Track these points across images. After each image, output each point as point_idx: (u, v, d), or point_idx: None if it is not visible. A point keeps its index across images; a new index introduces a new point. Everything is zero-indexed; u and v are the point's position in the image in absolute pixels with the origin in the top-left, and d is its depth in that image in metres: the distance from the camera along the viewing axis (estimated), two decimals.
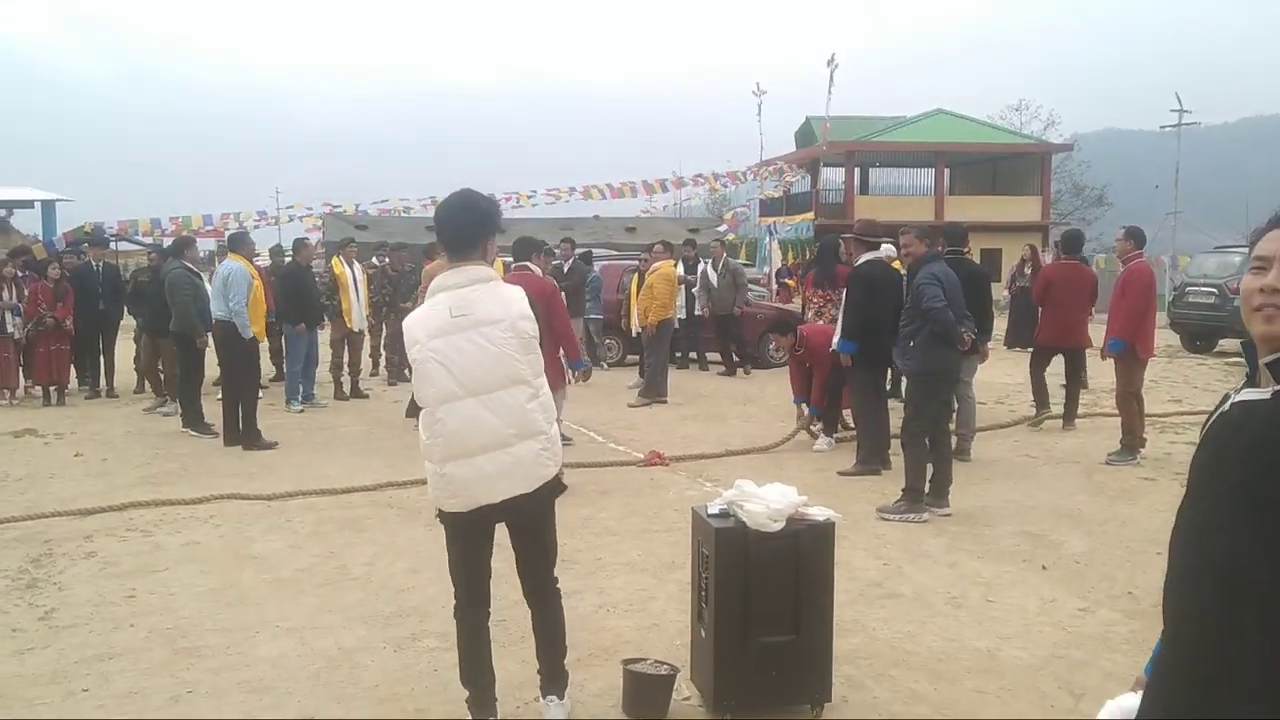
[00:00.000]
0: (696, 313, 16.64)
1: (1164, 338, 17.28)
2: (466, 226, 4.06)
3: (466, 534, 4.09)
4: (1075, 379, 11.35)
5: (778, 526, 4.25)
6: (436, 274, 4.27)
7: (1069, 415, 11.23)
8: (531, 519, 4.16)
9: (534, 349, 4.02)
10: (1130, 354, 9.50)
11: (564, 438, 9.64)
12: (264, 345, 12.27)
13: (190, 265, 11.59)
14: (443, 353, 3.89)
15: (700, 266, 16.59)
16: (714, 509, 4.42)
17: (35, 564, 6.60)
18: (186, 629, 5.46)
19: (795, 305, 17.47)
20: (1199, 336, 20.16)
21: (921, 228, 8.15)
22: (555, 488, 4.16)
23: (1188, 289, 20.37)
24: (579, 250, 17.71)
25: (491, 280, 4.04)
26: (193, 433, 11.12)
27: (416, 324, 3.99)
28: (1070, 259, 11.40)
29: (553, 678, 4.30)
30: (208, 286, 11.54)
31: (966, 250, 9.98)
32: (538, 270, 8.80)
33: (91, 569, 6.51)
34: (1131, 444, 9.51)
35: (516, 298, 4.06)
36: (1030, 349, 12.47)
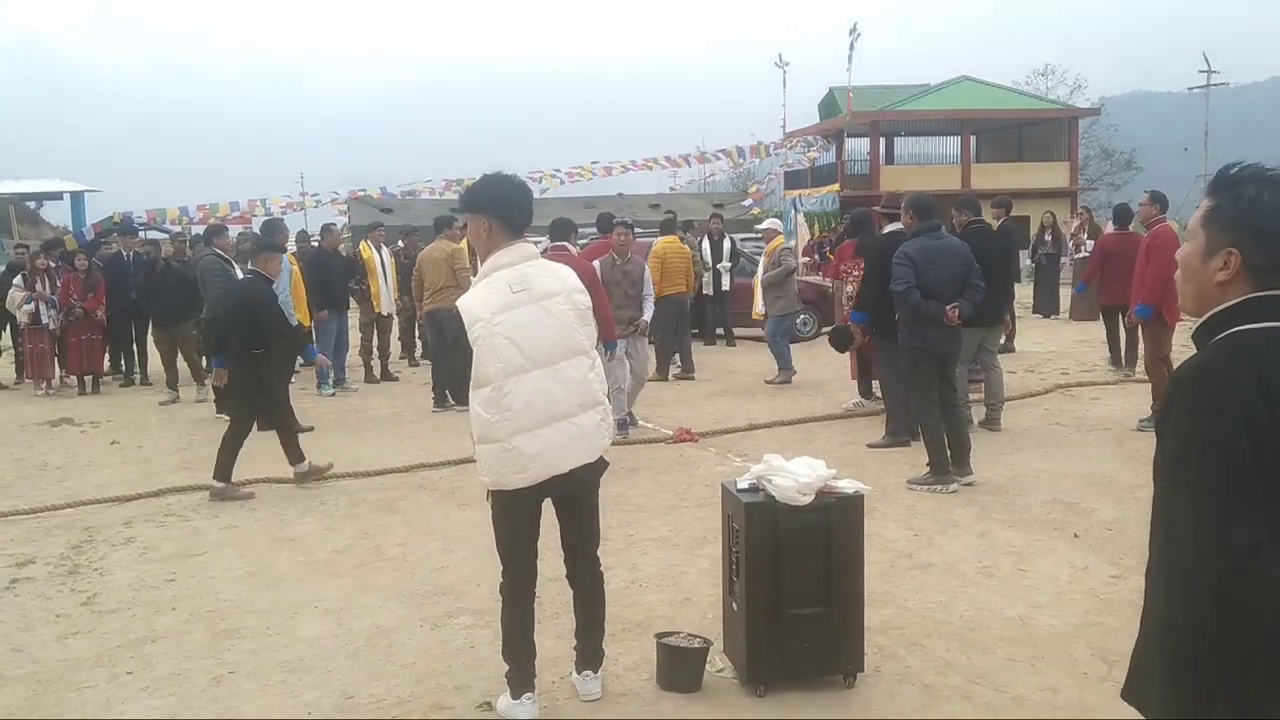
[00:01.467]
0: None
1: None
2: (528, 206, 4.23)
3: (528, 510, 4.14)
4: (1133, 332, 11.78)
5: (807, 500, 4.27)
6: (431, 258, 4.36)
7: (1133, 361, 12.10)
8: (589, 491, 4.25)
9: (590, 320, 4.15)
10: (1158, 319, 9.44)
11: (630, 420, 9.75)
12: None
13: (221, 253, 11.68)
14: (508, 327, 3.95)
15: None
16: (743, 483, 4.45)
17: (76, 550, 6.72)
18: (226, 611, 5.56)
19: (822, 279, 17.44)
20: None
21: (912, 198, 8.17)
22: (606, 460, 4.25)
23: None
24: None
25: (539, 257, 4.17)
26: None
27: (477, 303, 4.02)
28: (1122, 229, 12.64)
29: (591, 655, 4.35)
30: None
31: (982, 218, 9.92)
32: (574, 250, 8.88)
33: (132, 554, 6.62)
34: None
35: (568, 272, 4.21)
36: (1056, 315, 13.21)
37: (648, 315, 10.29)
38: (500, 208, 4.14)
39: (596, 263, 9.65)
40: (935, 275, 7.60)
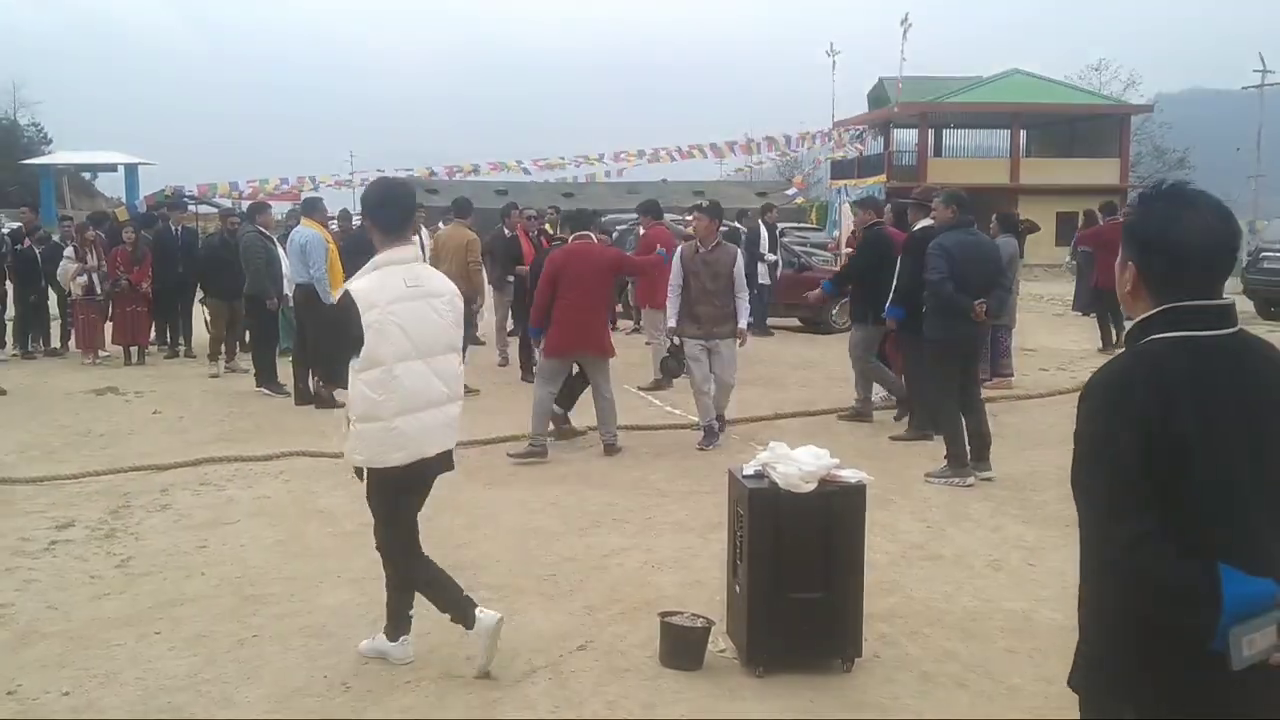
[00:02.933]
0: (761, 281, 16.70)
1: (1238, 304, 16.98)
2: (411, 209, 4.67)
3: (408, 486, 4.53)
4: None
5: (810, 487, 4.40)
6: (449, 245, 4.61)
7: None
8: (440, 473, 4.65)
9: (462, 323, 4.66)
10: None
11: (718, 426, 8.97)
12: None
13: (264, 230, 11.93)
14: (402, 316, 4.31)
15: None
16: (749, 470, 4.59)
17: (114, 515, 6.97)
18: (254, 578, 5.77)
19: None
20: (1273, 303, 19.51)
21: (949, 193, 8.20)
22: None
23: (1263, 255, 19.73)
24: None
25: (421, 257, 4.71)
26: (267, 392, 11.49)
27: (374, 290, 4.34)
28: (1111, 219, 15.05)
29: (399, 622, 4.69)
30: (280, 251, 11.89)
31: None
32: (594, 239, 8.99)
33: (167, 521, 6.85)
34: None
35: (444, 278, 4.70)
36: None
37: (743, 321, 9.04)
38: (378, 214, 4.56)
39: (679, 250, 9.26)
40: (968, 270, 7.68)
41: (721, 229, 15.48)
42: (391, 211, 4.55)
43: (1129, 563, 2.00)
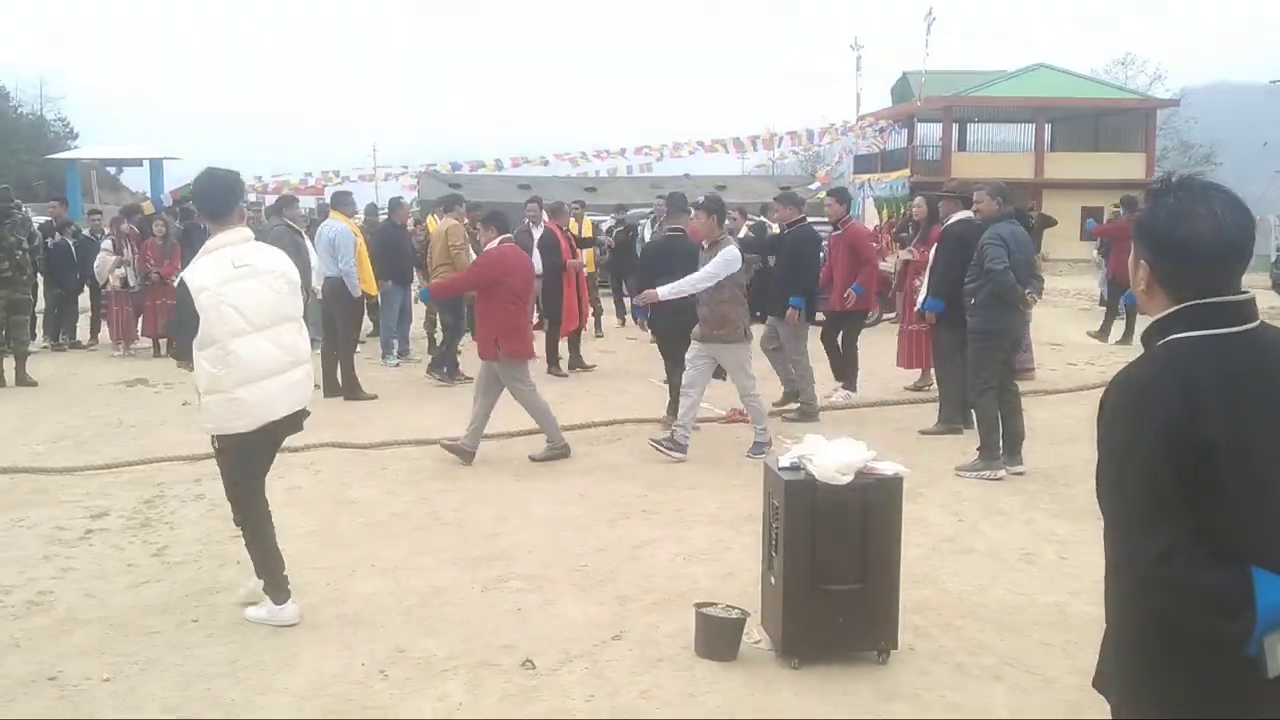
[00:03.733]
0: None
1: (1266, 300, 16.89)
2: (236, 196, 5.09)
3: (254, 450, 4.98)
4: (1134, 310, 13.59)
5: (846, 480, 4.39)
6: (435, 236, 4.73)
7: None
8: (291, 433, 5.14)
9: (298, 293, 5.09)
10: None
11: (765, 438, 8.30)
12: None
13: (291, 223, 11.98)
14: (233, 296, 4.71)
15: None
16: (785, 462, 4.59)
17: (148, 505, 7.03)
18: (289, 566, 5.79)
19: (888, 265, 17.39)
20: None
21: (994, 186, 8.17)
22: (308, 410, 5.15)
23: None
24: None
25: (253, 238, 5.03)
26: None
27: (204, 274, 4.74)
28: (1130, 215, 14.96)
29: (276, 586, 5.02)
30: (308, 244, 11.94)
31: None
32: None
33: (200, 510, 6.91)
34: None
35: (280, 254, 5.10)
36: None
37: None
38: (204, 202, 5.03)
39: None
40: (1018, 260, 7.68)
41: (749, 222, 15.58)
42: (217, 199, 4.96)
43: (1160, 575, 1.95)
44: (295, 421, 5.06)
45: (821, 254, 10.66)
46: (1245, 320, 2.07)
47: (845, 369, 10.69)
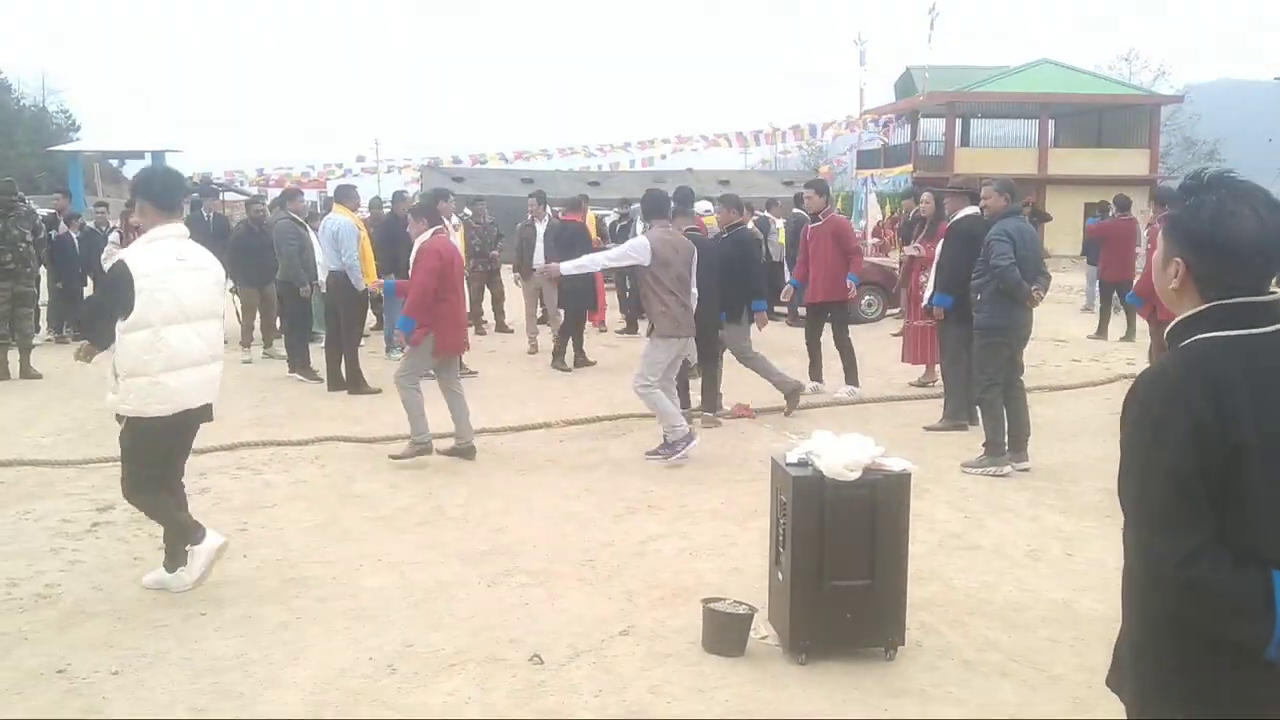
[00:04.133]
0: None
1: None
2: (178, 191, 5.32)
3: (164, 435, 5.15)
4: (1131, 310, 13.66)
5: (854, 476, 4.39)
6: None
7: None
8: (201, 423, 5.37)
9: (224, 293, 5.44)
10: (1152, 317, 9.80)
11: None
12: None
13: (295, 216, 11.99)
14: (172, 285, 4.98)
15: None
16: (792, 458, 4.58)
17: None
18: (295, 560, 5.82)
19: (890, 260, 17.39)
20: None
21: (1002, 181, 8.16)
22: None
23: None
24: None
25: (189, 235, 5.27)
26: (299, 377, 11.56)
27: (145, 260, 4.98)
28: (1123, 214, 15.57)
29: (174, 555, 5.32)
30: (313, 237, 11.95)
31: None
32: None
33: (206, 504, 6.89)
34: None
35: (208, 252, 5.36)
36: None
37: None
38: (149, 195, 5.17)
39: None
40: (1025, 257, 7.67)
41: (754, 217, 15.54)
42: (172, 192, 5.22)
43: (1184, 576, 1.94)
44: (206, 413, 5.33)
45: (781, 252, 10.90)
46: (1273, 321, 2.05)
47: (842, 364, 10.64)
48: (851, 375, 10.65)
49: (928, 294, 9.27)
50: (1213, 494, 1.95)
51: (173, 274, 5.00)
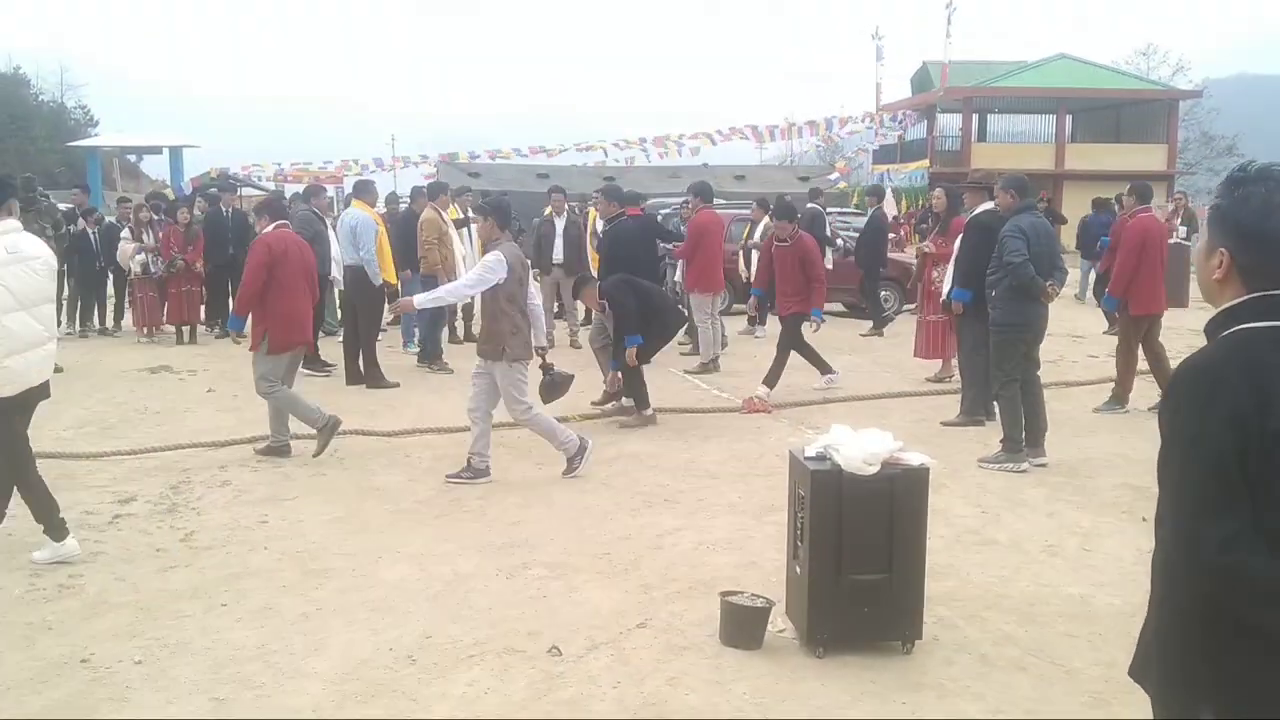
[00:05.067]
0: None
1: None
2: (9, 191, 5.75)
3: (13, 412, 5.52)
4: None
5: (872, 470, 4.40)
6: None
7: None
8: (40, 399, 5.72)
9: (55, 277, 5.81)
10: (1124, 311, 9.78)
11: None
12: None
13: (317, 211, 12.05)
14: (5, 279, 5.33)
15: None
16: (811, 452, 4.60)
17: (175, 490, 7.09)
18: (315, 553, 5.86)
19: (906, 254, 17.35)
20: None
21: (1008, 178, 8.16)
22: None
23: None
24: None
25: (21, 229, 5.64)
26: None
27: None
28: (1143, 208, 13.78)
29: (53, 526, 5.67)
30: (331, 233, 12.00)
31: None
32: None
33: (226, 496, 6.97)
34: (1119, 395, 9.84)
35: (40, 241, 5.81)
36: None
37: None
38: None
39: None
40: (1039, 252, 7.67)
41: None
42: (1, 193, 5.60)
43: (1222, 562, 1.94)
44: (44, 390, 5.71)
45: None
46: None
47: (818, 360, 10.64)
48: (772, 377, 10.17)
49: (946, 288, 9.26)
50: (1250, 482, 1.96)
51: (6, 267, 5.37)
